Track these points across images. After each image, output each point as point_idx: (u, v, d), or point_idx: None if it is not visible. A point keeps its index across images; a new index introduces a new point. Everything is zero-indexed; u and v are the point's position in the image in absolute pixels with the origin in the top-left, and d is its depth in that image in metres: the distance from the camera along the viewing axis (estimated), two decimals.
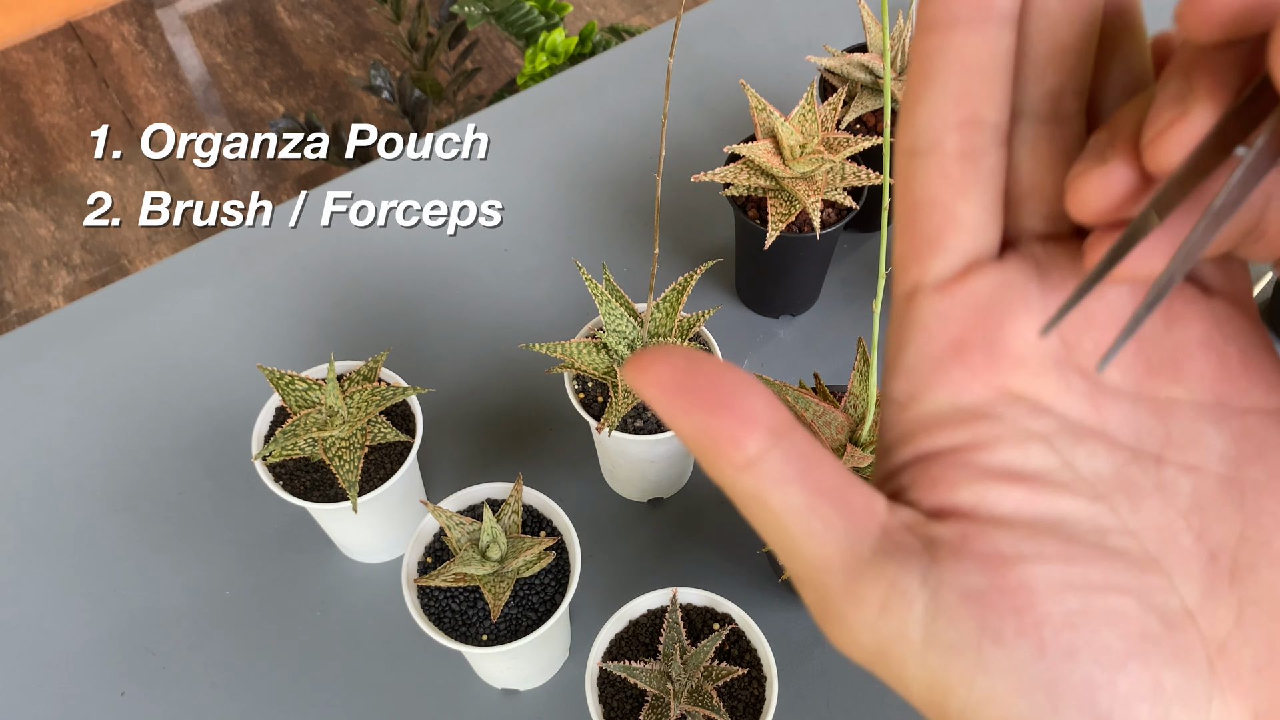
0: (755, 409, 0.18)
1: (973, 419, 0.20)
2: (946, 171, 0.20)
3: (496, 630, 0.54)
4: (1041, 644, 0.17)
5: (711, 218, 0.79)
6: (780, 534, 0.19)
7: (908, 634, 0.18)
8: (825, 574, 0.18)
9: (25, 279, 1.57)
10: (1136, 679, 0.17)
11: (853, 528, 0.18)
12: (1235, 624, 0.18)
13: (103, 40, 1.85)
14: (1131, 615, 0.18)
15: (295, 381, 0.57)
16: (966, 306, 0.20)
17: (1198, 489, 0.19)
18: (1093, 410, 0.20)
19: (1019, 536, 0.18)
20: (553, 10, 1.22)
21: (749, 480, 0.18)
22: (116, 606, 0.64)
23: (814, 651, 0.62)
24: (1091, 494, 0.19)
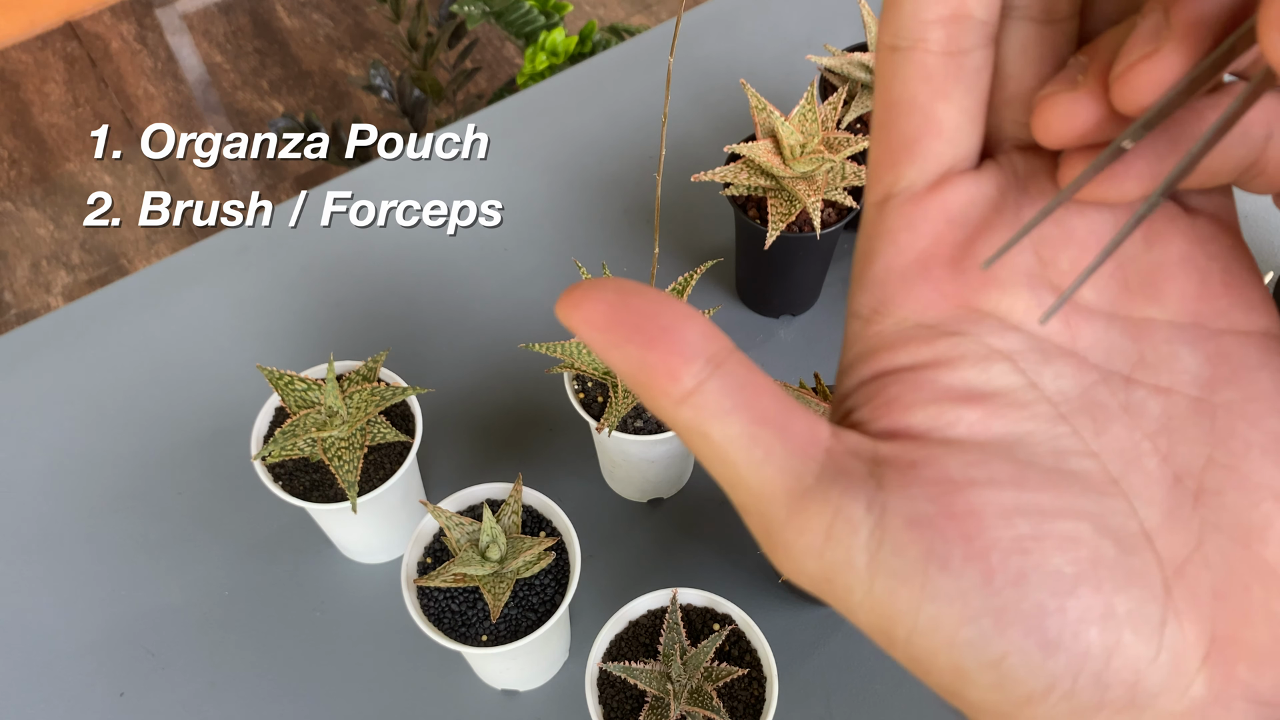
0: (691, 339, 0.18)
1: (936, 335, 0.19)
2: (928, 70, 0.19)
3: (496, 631, 0.54)
4: (989, 570, 0.17)
5: (711, 217, 0.79)
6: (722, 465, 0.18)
7: (853, 561, 0.17)
8: (768, 503, 0.18)
9: (24, 279, 1.57)
10: (1087, 604, 0.17)
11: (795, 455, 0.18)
12: (1196, 548, 0.18)
13: (102, 40, 1.85)
14: (1084, 540, 0.17)
15: (294, 381, 0.57)
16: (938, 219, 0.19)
17: (1167, 411, 0.19)
18: (1064, 329, 0.19)
19: (970, 460, 0.18)
20: (552, 9, 1.22)
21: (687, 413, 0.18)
22: (115, 606, 0.64)
23: (814, 652, 0.62)
24: (1053, 415, 0.19)
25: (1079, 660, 0.17)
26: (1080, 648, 0.17)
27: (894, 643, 0.18)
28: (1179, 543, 0.18)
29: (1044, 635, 0.17)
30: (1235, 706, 0.17)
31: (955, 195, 0.19)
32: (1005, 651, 0.17)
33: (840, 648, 0.62)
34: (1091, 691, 0.17)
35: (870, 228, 0.20)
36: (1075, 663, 0.17)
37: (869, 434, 0.19)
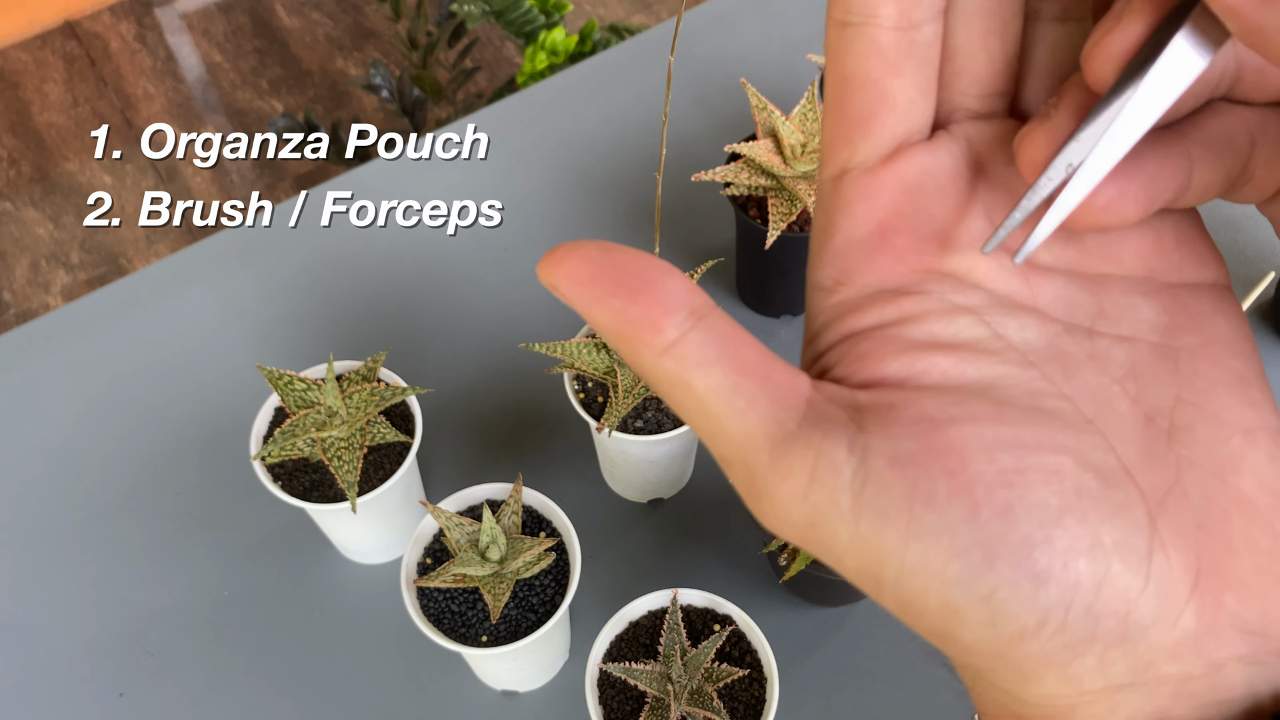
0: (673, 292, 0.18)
1: (899, 296, 0.19)
2: (880, 46, 0.19)
3: (496, 631, 0.54)
4: (975, 504, 0.17)
5: (712, 217, 0.79)
6: (704, 416, 0.18)
7: (837, 503, 0.17)
8: (751, 451, 0.18)
9: (23, 278, 1.57)
10: (1074, 534, 0.17)
11: (777, 403, 0.18)
12: (1175, 482, 0.18)
13: (101, 39, 1.85)
14: (1068, 472, 0.17)
15: (294, 381, 0.57)
16: (894, 190, 0.20)
17: (1131, 357, 0.19)
18: (1024, 287, 0.20)
19: (949, 400, 0.18)
20: (552, 9, 1.21)
21: (670, 364, 0.18)
22: (114, 607, 0.64)
23: (815, 653, 0.62)
24: (1023, 361, 0.19)
25: (1070, 591, 0.17)
26: (1070, 578, 0.17)
27: (883, 586, 0.17)
28: (1158, 477, 0.18)
29: (1033, 567, 0.16)
30: (1226, 637, 0.17)
31: (910, 166, 0.20)
32: (995, 585, 0.17)
33: (841, 649, 0.62)
34: (1084, 624, 0.17)
35: (827, 202, 0.20)
36: (1066, 594, 0.17)
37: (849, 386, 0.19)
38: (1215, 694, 0.17)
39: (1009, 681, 0.18)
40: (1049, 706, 0.18)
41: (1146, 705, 0.17)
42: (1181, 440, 0.18)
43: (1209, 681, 0.17)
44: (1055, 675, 0.17)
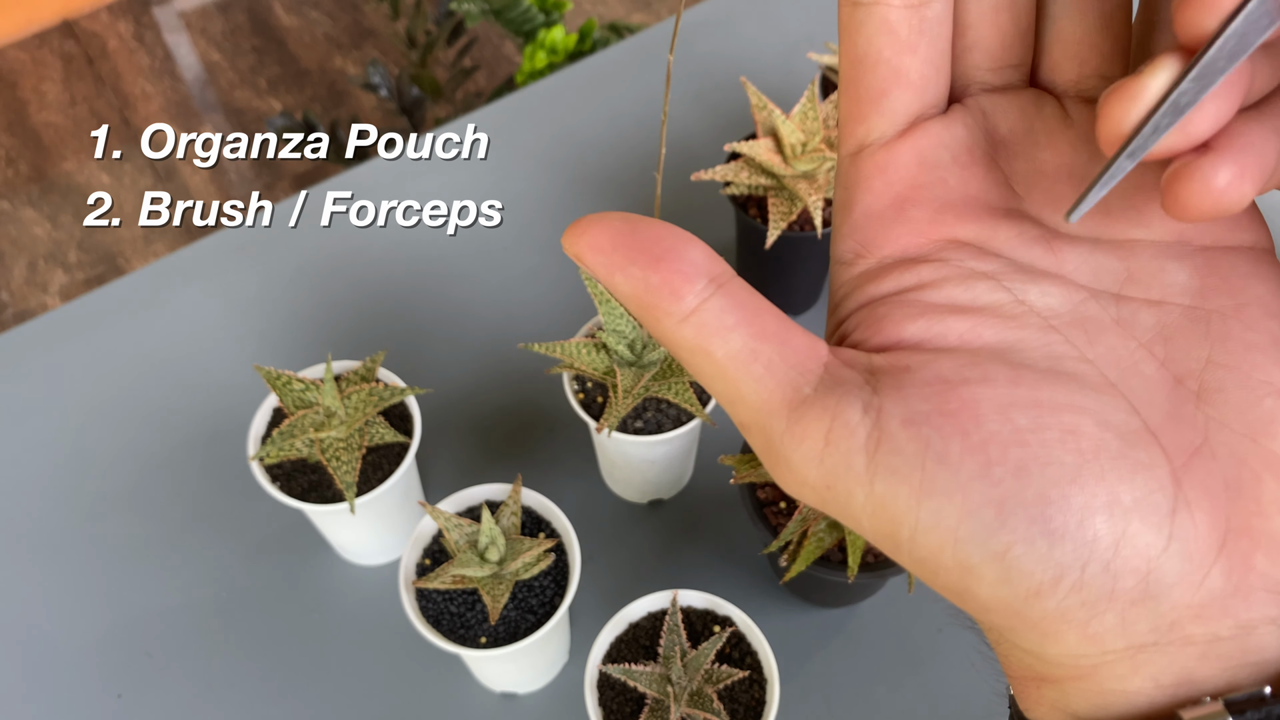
0: (694, 259, 0.18)
1: (918, 264, 0.20)
2: (891, 24, 0.19)
3: (495, 633, 0.53)
4: (988, 461, 0.17)
5: (712, 217, 0.79)
6: (724, 382, 0.18)
7: (853, 464, 0.17)
8: (769, 415, 0.18)
9: (21, 278, 1.56)
10: (1091, 492, 0.17)
11: (794, 368, 0.18)
12: (1203, 442, 0.18)
13: (99, 38, 1.85)
14: (1086, 432, 0.17)
15: (292, 382, 0.57)
16: (910, 163, 0.20)
17: (1161, 320, 0.19)
18: (1047, 253, 0.20)
19: (964, 362, 0.18)
20: (552, 7, 1.21)
21: (690, 331, 0.18)
22: (112, 608, 0.64)
23: (816, 654, 0.62)
24: (1044, 326, 0.19)
25: (1086, 548, 0.16)
26: (1087, 536, 0.16)
27: (899, 545, 0.18)
28: (1185, 438, 0.18)
29: (1048, 524, 0.16)
30: (1256, 598, 0.17)
31: (925, 139, 0.20)
32: (1009, 542, 0.16)
33: (841, 650, 0.62)
34: (1101, 580, 0.17)
35: (846, 178, 0.21)
36: (1082, 551, 0.16)
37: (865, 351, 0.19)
38: (1245, 656, 0.17)
39: (1030, 641, 0.18)
40: (1072, 666, 0.18)
41: (1171, 666, 0.17)
42: (1211, 402, 0.18)
43: (1239, 643, 0.17)
44: (1076, 634, 0.17)
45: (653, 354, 0.56)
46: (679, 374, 0.56)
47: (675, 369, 0.57)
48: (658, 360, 0.57)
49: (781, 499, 0.57)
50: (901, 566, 0.19)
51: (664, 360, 0.57)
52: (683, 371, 0.56)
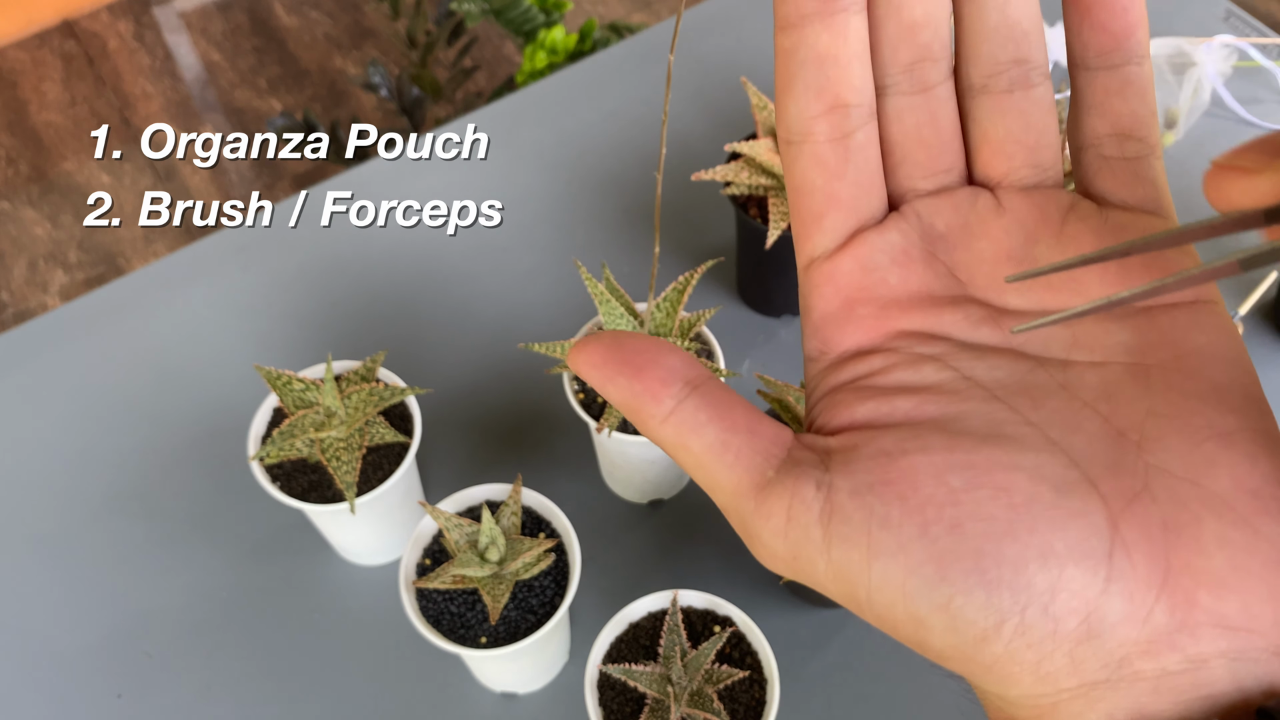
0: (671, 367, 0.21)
1: (870, 354, 0.22)
2: (821, 158, 0.22)
3: (495, 633, 0.53)
4: (925, 522, 0.18)
5: (712, 217, 0.79)
6: (702, 472, 0.21)
7: (811, 535, 0.19)
8: (740, 498, 0.20)
9: (21, 278, 1.56)
10: (1024, 543, 0.18)
11: (759, 454, 0.20)
12: (1144, 488, 0.19)
13: (99, 38, 1.85)
14: (1019, 487, 0.18)
15: (292, 382, 0.57)
16: (853, 270, 0.22)
17: (1104, 379, 0.20)
18: (995, 331, 0.22)
19: (905, 436, 0.20)
20: (552, 7, 1.21)
21: (670, 430, 0.21)
22: (112, 608, 0.64)
23: (816, 654, 0.62)
24: (988, 397, 0.20)
25: (1023, 594, 0.18)
26: (1022, 583, 0.18)
27: (860, 604, 0.19)
28: (1125, 485, 0.19)
29: (983, 575, 0.18)
30: (1203, 633, 0.18)
31: (863, 248, 0.22)
32: (950, 594, 0.18)
33: (842, 650, 0.62)
34: (1042, 623, 0.18)
35: (803, 288, 0.23)
36: (1020, 597, 0.18)
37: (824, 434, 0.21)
38: (1197, 690, 0.18)
39: (990, 684, 0.19)
40: (1032, 706, 0.19)
41: (1124, 701, 0.18)
42: (1151, 450, 0.19)
43: (1191, 677, 0.18)
44: (1029, 675, 0.18)
45: None
46: None
47: None
48: None
49: None
50: None
51: None
52: None
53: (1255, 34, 0.89)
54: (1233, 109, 0.84)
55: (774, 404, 0.56)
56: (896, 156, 0.23)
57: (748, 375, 0.71)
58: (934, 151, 0.23)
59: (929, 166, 0.23)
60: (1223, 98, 0.83)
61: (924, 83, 0.22)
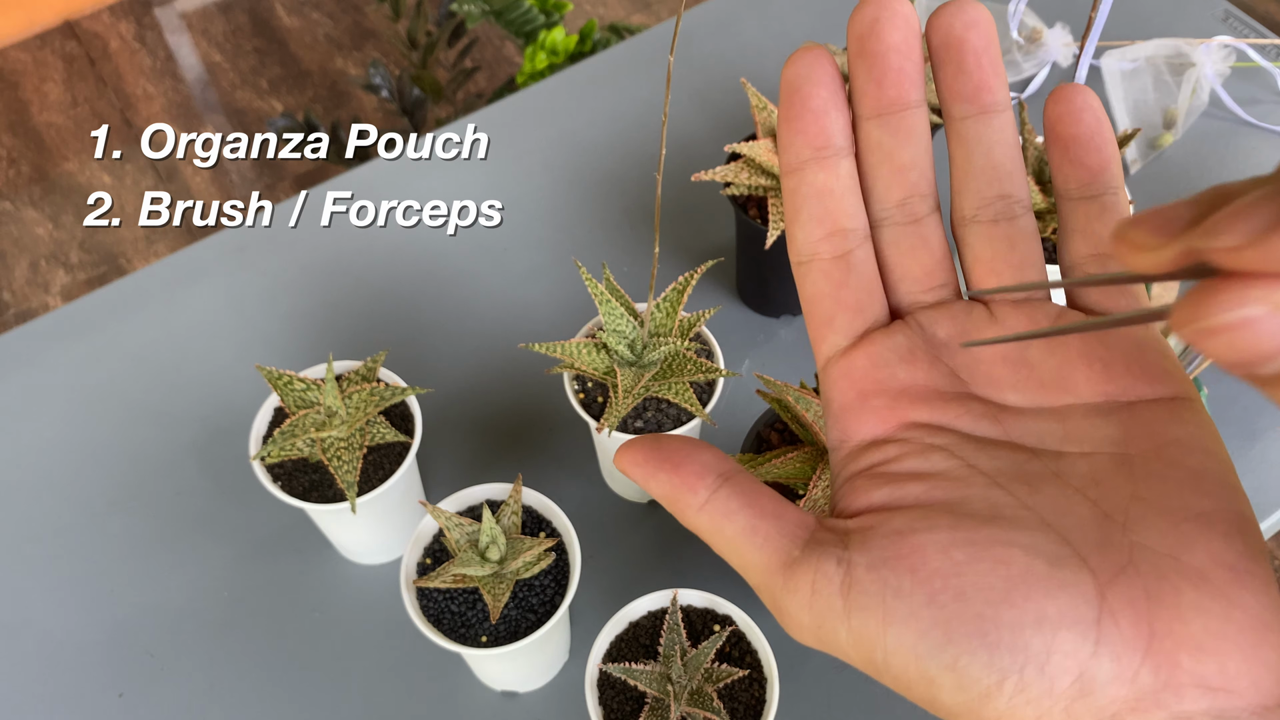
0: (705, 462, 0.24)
1: (885, 444, 0.24)
2: (827, 272, 0.25)
3: (496, 632, 0.54)
4: (933, 591, 0.21)
5: (712, 217, 0.79)
6: (735, 554, 0.23)
7: (833, 607, 0.22)
8: (769, 576, 0.23)
9: (23, 278, 1.56)
10: (1020, 610, 0.20)
11: (786, 537, 0.23)
12: (1129, 562, 0.21)
13: (101, 39, 1.85)
14: (1015, 560, 0.21)
15: (293, 381, 0.57)
16: (865, 365, 0.25)
17: (1093, 468, 0.23)
18: (994, 425, 0.24)
19: (915, 517, 0.22)
20: (552, 8, 1.21)
21: (706, 517, 0.23)
22: (114, 607, 0.64)
23: (815, 653, 0.62)
24: (989, 484, 0.23)
25: (1021, 655, 0.20)
26: (1019, 644, 0.20)
27: (878, 668, 0.21)
28: (1110, 560, 0.21)
29: (985, 638, 0.20)
30: (1187, 693, 0.20)
31: (874, 346, 0.25)
32: (956, 654, 0.20)
33: None
34: (1039, 681, 0.20)
35: (823, 384, 0.26)
36: (1018, 657, 0.20)
37: (845, 517, 0.24)
38: None
39: None
40: None
41: None
42: (1136, 529, 0.21)
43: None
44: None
45: (653, 354, 0.57)
46: (679, 374, 0.56)
47: (675, 369, 0.57)
48: (658, 360, 0.57)
49: None
50: None
51: (664, 360, 0.57)
52: (683, 371, 0.57)
53: (1253, 34, 0.89)
54: (1231, 109, 0.84)
55: (773, 403, 0.56)
56: (896, 274, 0.26)
57: (747, 375, 0.71)
58: (928, 269, 0.26)
59: (925, 282, 0.26)
60: (1221, 98, 0.84)
61: (914, 214, 0.25)
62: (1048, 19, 0.87)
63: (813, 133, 0.24)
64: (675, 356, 0.57)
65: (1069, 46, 0.86)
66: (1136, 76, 0.85)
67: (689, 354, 0.57)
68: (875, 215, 0.25)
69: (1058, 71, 0.87)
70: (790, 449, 0.55)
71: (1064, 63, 0.86)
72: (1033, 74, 0.86)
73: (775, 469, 0.54)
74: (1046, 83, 0.86)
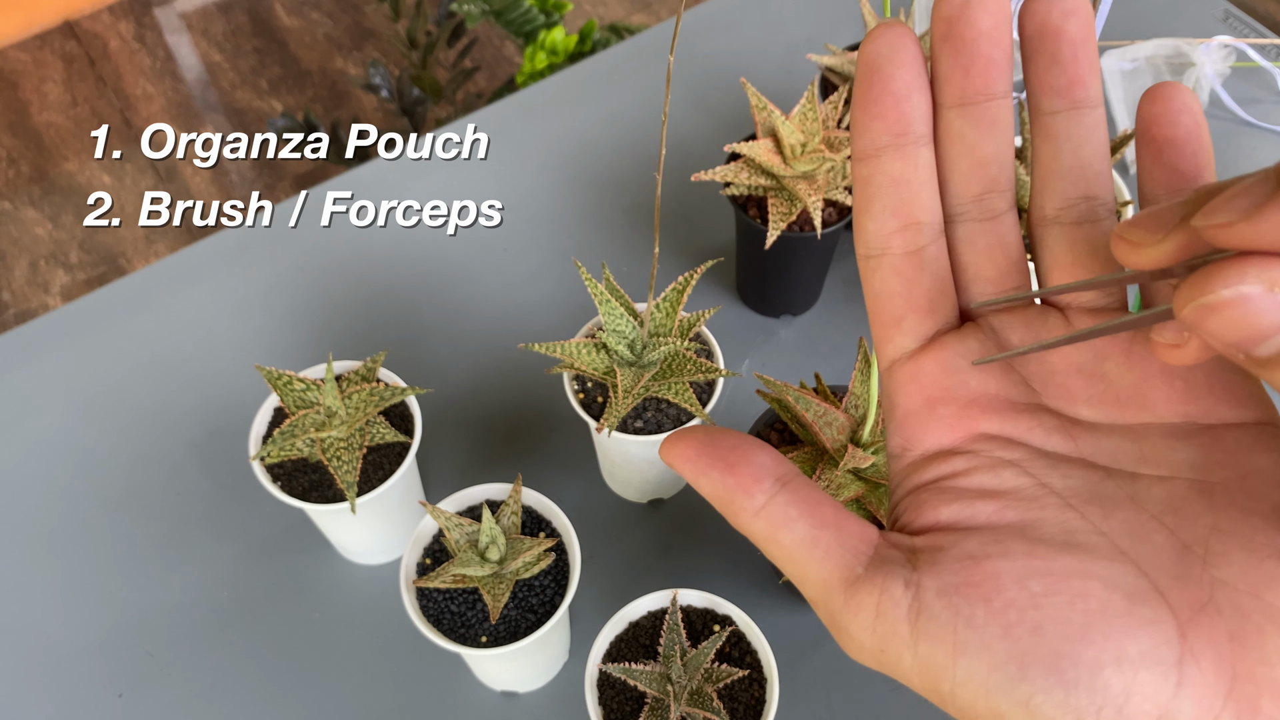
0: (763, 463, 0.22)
1: (952, 455, 0.23)
2: (898, 268, 0.24)
3: (495, 632, 0.54)
4: (1008, 624, 0.20)
5: (712, 217, 0.79)
6: (792, 565, 0.22)
7: (898, 631, 0.21)
8: (829, 592, 0.22)
9: (22, 278, 1.56)
10: (1100, 648, 0.19)
11: (849, 551, 0.22)
12: (1209, 600, 0.20)
13: (100, 39, 1.85)
14: (1093, 594, 0.20)
15: (293, 381, 0.57)
16: (935, 370, 0.24)
17: (1170, 494, 0.22)
18: (1067, 441, 0.23)
19: (988, 540, 0.21)
20: (552, 8, 1.21)
21: (762, 523, 0.22)
22: (113, 607, 0.64)
23: (815, 653, 0.62)
24: (1062, 505, 0.22)
25: (1099, 695, 0.19)
26: (1098, 685, 0.19)
27: (943, 697, 0.21)
28: (1192, 596, 0.20)
29: (1061, 676, 0.19)
30: None
31: (945, 350, 0.24)
32: (1030, 691, 0.19)
33: (841, 649, 0.62)
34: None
35: (886, 387, 0.25)
36: (1096, 698, 0.19)
37: (909, 533, 0.23)
38: None
39: None
40: None
41: None
42: (1216, 564, 0.20)
43: None
44: None
45: (653, 354, 0.57)
46: (679, 374, 0.56)
47: (675, 369, 0.57)
48: (658, 360, 0.57)
49: None
50: None
51: (664, 360, 0.57)
52: (682, 371, 0.57)
53: (1253, 34, 0.89)
54: (1231, 109, 0.84)
55: (773, 404, 0.56)
56: (969, 274, 0.24)
57: (747, 375, 0.71)
58: (1003, 270, 0.24)
59: (999, 283, 0.24)
60: (1221, 98, 0.84)
61: (992, 211, 0.24)
62: None
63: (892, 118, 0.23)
64: (675, 356, 0.57)
65: None
66: (1136, 76, 0.85)
67: (689, 354, 0.57)
68: (950, 209, 0.24)
69: None
70: (790, 449, 0.55)
71: None
72: None
73: None
74: None
